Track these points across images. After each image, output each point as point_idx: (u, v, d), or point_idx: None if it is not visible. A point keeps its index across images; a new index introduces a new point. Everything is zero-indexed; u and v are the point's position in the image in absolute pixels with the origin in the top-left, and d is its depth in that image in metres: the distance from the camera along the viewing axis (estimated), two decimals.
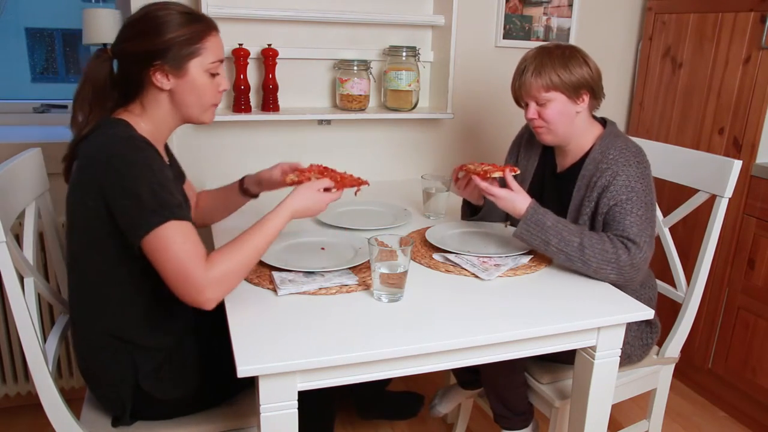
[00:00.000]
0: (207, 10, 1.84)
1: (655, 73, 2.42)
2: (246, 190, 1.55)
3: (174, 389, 1.25)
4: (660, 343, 1.67)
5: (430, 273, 1.39)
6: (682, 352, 1.71)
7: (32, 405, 2.04)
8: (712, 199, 1.60)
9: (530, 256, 1.46)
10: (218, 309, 1.14)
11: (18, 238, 1.29)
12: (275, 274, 1.30)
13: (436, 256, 1.45)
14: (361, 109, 2.12)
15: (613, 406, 1.41)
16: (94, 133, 1.18)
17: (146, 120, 1.25)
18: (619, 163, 1.42)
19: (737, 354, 2.13)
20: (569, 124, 1.48)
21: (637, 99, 2.51)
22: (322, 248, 1.47)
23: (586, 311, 1.22)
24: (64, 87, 14.02)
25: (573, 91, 1.44)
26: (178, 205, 1.13)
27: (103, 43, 1.98)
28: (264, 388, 1.02)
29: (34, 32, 14.14)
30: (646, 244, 1.37)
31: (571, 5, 2.40)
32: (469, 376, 1.76)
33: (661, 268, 1.74)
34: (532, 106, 1.48)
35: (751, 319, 2.07)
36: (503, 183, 1.42)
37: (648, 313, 1.23)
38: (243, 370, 0.97)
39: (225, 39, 1.32)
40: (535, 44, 1.60)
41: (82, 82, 1.24)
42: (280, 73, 2.06)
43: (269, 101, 2.04)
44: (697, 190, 1.64)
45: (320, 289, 1.26)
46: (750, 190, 2.05)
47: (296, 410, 1.05)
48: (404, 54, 2.10)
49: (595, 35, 2.48)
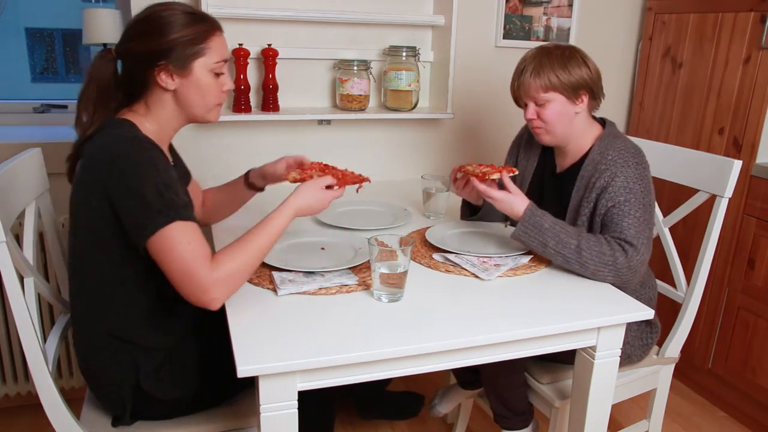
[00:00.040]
0: (207, 10, 1.84)
1: (655, 73, 2.42)
2: (251, 184, 1.56)
3: (174, 389, 1.25)
4: (660, 343, 1.67)
5: (430, 273, 1.39)
6: (682, 352, 1.71)
7: (32, 405, 2.04)
8: (712, 199, 1.60)
9: (530, 256, 1.45)
10: (218, 309, 1.14)
11: (18, 238, 1.29)
12: (275, 274, 1.30)
13: (436, 256, 1.45)
14: (361, 109, 2.12)
15: (613, 406, 1.41)
16: (99, 134, 1.18)
17: (151, 120, 1.25)
18: (617, 164, 1.42)
19: (737, 354, 2.13)
20: (568, 125, 1.48)
21: (637, 99, 2.51)
22: (322, 248, 1.47)
23: (586, 311, 1.22)
24: (64, 87, 14.03)
25: (572, 92, 1.44)
26: (184, 205, 1.13)
27: (103, 43, 1.98)
28: (264, 388, 1.02)
29: (34, 32, 14.14)
30: (644, 246, 1.36)
31: (571, 5, 2.40)
32: (469, 376, 1.76)
33: (661, 268, 1.74)
34: (531, 106, 1.48)
35: (751, 319, 2.07)
36: (502, 184, 1.42)
37: (648, 313, 1.23)
38: (243, 370, 0.97)
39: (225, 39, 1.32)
40: (535, 44, 1.60)
41: (87, 83, 1.24)
42: (280, 73, 2.06)
43: (269, 101, 2.04)
44: (697, 190, 1.64)
45: (320, 289, 1.26)
46: (750, 190, 2.05)
47: (296, 410, 1.05)
48: (404, 54, 2.10)
49: (595, 35, 2.48)
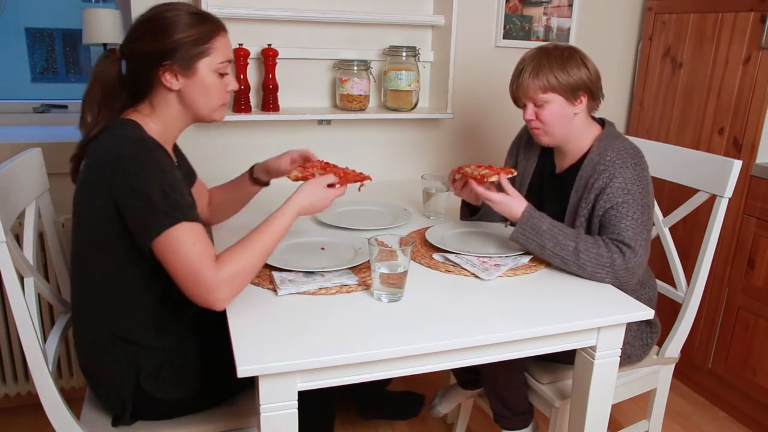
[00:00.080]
0: (207, 10, 1.83)
1: (655, 73, 2.42)
2: (256, 179, 1.56)
3: (174, 389, 1.25)
4: (660, 343, 1.67)
5: (430, 273, 1.39)
6: (682, 352, 1.71)
7: (32, 405, 2.04)
8: (712, 199, 1.60)
9: (530, 256, 1.45)
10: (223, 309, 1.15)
11: (18, 238, 1.29)
12: (275, 274, 1.30)
13: (436, 256, 1.45)
14: (361, 109, 2.12)
15: (613, 406, 1.41)
16: (104, 134, 1.18)
17: (155, 120, 1.25)
18: (616, 165, 1.41)
19: (737, 354, 2.13)
20: (566, 126, 1.48)
21: (637, 99, 2.51)
22: (322, 248, 1.47)
23: (586, 311, 1.22)
24: (64, 87, 14.04)
25: (570, 93, 1.44)
26: (189, 206, 1.13)
27: (103, 43, 1.98)
28: (264, 388, 1.02)
29: (34, 32, 14.15)
30: (642, 248, 1.36)
31: (571, 5, 2.40)
32: (469, 376, 1.76)
33: (661, 268, 1.74)
34: (530, 107, 1.48)
35: (751, 319, 2.07)
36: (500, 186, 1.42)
37: (648, 313, 1.23)
38: (243, 370, 0.97)
39: None
40: (535, 44, 1.60)
41: (91, 83, 1.24)
42: (280, 73, 2.06)
43: (269, 101, 2.04)
44: (697, 190, 1.64)
45: (320, 289, 1.26)
46: (750, 190, 2.05)
47: (296, 410, 1.05)
48: (404, 54, 2.10)
49: (595, 35, 2.48)
